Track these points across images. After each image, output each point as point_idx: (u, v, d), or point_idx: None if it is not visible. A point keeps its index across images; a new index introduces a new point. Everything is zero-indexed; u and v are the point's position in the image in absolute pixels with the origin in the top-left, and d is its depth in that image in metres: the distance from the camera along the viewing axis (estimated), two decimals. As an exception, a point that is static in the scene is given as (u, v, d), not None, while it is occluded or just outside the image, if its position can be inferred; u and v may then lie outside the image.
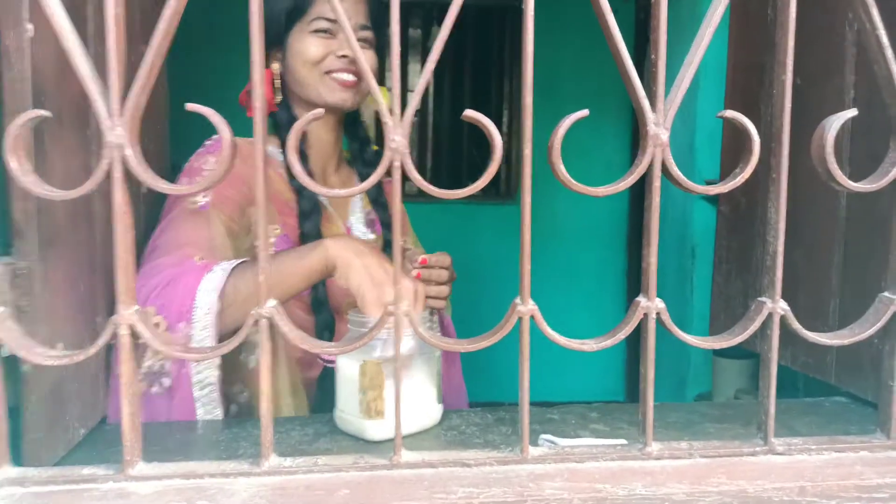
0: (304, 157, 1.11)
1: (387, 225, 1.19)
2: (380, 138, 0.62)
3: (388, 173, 0.57)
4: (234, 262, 0.89)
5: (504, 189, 3.90)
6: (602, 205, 3.70)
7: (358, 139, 1.22)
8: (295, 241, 1.07)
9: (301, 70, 1.06)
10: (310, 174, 1.08)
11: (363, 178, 1.20)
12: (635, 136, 3.54)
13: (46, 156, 0.64)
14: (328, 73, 1.06)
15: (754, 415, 0.65)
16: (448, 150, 4.16)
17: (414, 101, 0.58)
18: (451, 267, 1.04)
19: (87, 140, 0.73)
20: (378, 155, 1.20)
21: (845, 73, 0.90)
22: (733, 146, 1.22)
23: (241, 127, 0.67)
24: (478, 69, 4.40)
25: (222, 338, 0.87)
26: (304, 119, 0.56)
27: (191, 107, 0.56)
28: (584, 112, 0.57)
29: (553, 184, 0.60)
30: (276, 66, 1.09)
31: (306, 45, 1.05)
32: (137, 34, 0.91)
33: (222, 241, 0.97)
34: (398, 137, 0.57)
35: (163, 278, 0.86)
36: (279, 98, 1.10)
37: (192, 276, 0.86)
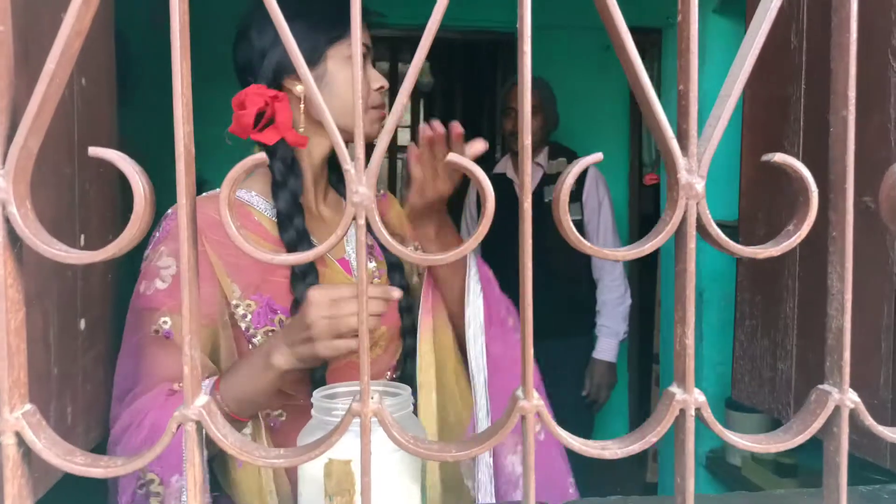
0: (296, 200, 0.95)
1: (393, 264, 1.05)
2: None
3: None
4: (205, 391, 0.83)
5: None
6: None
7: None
8: (284, 303, 0.93)
9: (346, 99, 0.93)
10: (302, 210, 0.96)
11: None
12: (632, 179, 3.42)
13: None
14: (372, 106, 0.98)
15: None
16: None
17: (381, 144, 0.46)
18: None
19: None
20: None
21: (888, 108, 0.78)
22: (752, 190, 1.10)
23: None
24: (469, 104, 4.34)
25: None
26: (239, 168, 0.44)
27: (94, 151, 0.44)
28: (599, 156, 0.44)
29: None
30: (298, 90, 0.91)
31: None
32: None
33: (203, 345, 0.88)
34: (362, 189, 0.45)
35: (146, 428, 0.83)
36: (302, 127, 0.93)
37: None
